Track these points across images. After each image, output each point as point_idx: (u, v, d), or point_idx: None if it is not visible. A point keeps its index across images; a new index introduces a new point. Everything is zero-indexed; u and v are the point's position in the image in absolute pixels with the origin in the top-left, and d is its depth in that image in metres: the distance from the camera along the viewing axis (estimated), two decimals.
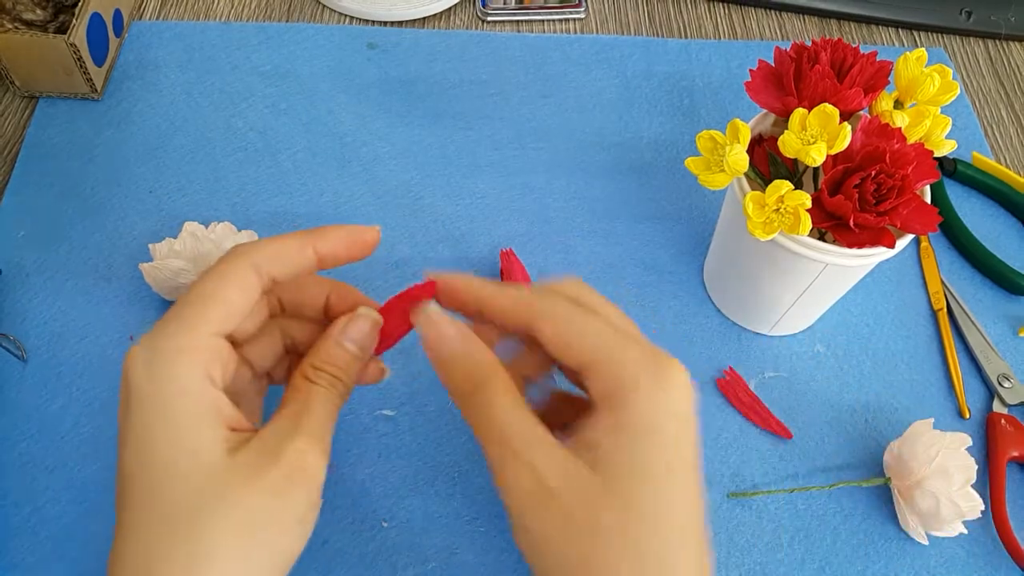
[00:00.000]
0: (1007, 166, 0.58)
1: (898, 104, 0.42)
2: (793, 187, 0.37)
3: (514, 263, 0.50)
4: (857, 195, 0.37)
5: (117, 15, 0.57)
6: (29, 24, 0.53)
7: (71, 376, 0.45)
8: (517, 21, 0.63)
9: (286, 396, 0.31)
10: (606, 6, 0.65)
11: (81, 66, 0.52)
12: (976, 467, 0.41)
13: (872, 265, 0.41)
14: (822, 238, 0.40)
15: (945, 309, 0.51)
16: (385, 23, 0.62)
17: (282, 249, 0.31)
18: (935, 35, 0.66)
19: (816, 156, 0.37)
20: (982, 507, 0.40)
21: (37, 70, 0.53)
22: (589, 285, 0.33)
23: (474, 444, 0.44)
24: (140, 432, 0.27)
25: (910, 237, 0.39)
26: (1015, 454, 0.45)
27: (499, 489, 0.29)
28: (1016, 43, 0.66)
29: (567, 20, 0.64)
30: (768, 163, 0.42)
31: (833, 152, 0.37)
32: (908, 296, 0.52)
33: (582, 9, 0.64)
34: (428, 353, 0.32)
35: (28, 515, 0.41)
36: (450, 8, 0.63)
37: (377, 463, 0.43)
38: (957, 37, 0.66)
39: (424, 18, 0.63)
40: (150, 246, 0.44)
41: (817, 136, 0.38)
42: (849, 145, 0.37)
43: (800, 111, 0.38)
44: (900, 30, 0.66)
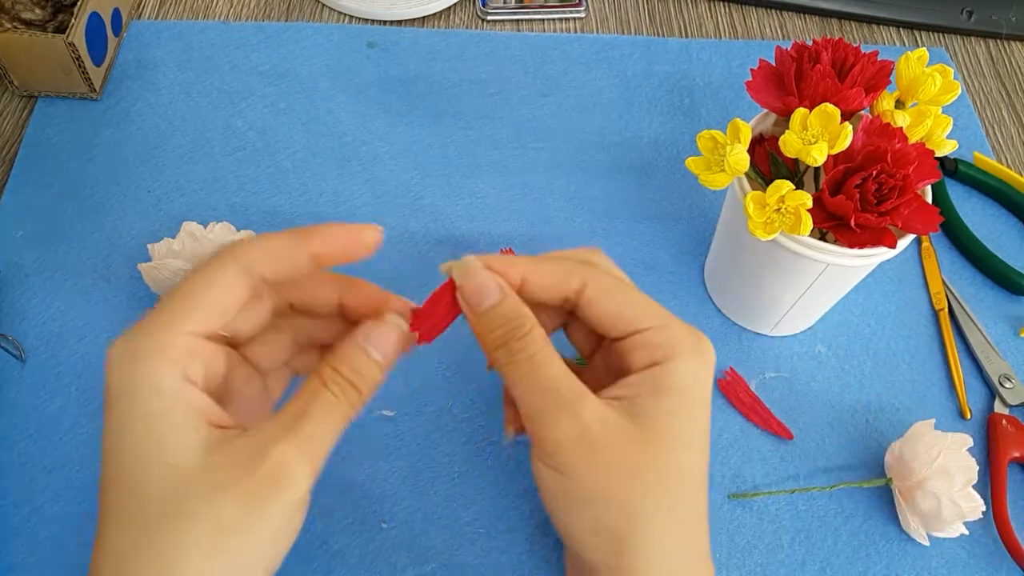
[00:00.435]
0: (1008, 166, 0.58)
1: (899, 104, 0.42)
2: (794, 187, 0.37)
3: None
4: (858, 195, 0.37)
5: (116, 14, 0.57)
6: (28, 23, 0.53)
7: (70, 376, 0.45)
8: (517, 20, 0.63)
9: (294, 394, 0.29)
10: (606, 5, 0.65)
11: (80, 66, 0.52)
12: (977, 468, 0.40)
13: (873, 265, 0.41)
14: (823, 238, 0.40)
15: (946, 309, 0.51)
16: (385, 22, 0.62)
17: (273, 249, 0.30)
18: (936, 35, 0.66)
19: (817, 156, 0.37)
20: (983, 508, 0.40)
21: (36, 70, 0.53)
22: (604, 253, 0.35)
23: (474, 444, 0.44)
24: (116, 429, 0.27)
25: (911, 237, 0.39)
26: (1016, 455, 0.45)
27: (539, 438, 0.30)
28: (1017, 43, 0.66)
29: (567, 19, 0.64)
30: (769, 163, 0.42)
31: (834, 152, 0.37)
32: (909, 296, 0.51)
33: (582, 8, 0.64)
34: (466, 305, 0.32)
35: (27, 515, 0.41)
36: (450, 7, 0.63)
37: (377, 463, 0.43)
38: (958, 37, 0.66)
39: (424, 17, 0.63)
40: (149, 246, 0.44)
41: (818, 136, 0.38)
42: (850, 145, 0.37)
43: (801, 111, 0.38)
44: (901, 30, 0.66)
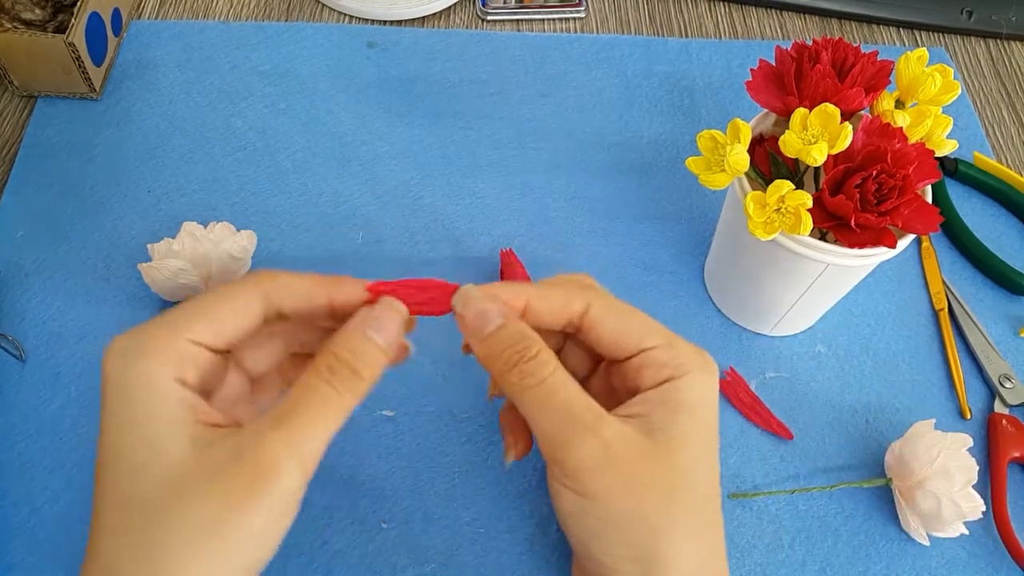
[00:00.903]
0: (1008, 166, 0.58)
1: (899, 104, 0.42)
2: (794, 187, 0.37)
3: (514, 263, 0.50)
4: (858, 195, 0.37)
5: (116, 14, 0.57)
6: (28, 23, 0.53)
7: (70, 376, 0.45)
8: (517, 20, 0.63)
9: (289, 391, 0.29)
10: (606, 5, 0.65)
11: (80, 66, 0.52)
12: (977, 468, 0.40)
13: (873, 265, 0.41)
14: (823, 238, 0.40)
15: (946, 309, 0.51)
16: (385, 22, 0.62)
17: (298, 287, 0.31)
18: (936, 35, 0.66)
19: (817, 156, 0.37)
20: (983, 508, 0.40)
21: (36, 70, 0.53)
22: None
23: (474, 444, 0.44)
24: (110, 423, 0.27)
25: (911, 237, 0.39)
26: (1016, 455, 0.45)
27: (559, 461, 0.30)
28: (1017, 43, 0.66)
29: (567, 19, 0.64)
30: (769, 163, 0.42)
31: (834, 152, 0.37)
32: (909, 296, 0.51)
33: (582, 8, 0.64)
34: (468, 333, 0.32)
35: (27, 515, 0.41)
36: (450, 7, 0.63)
37: (377, 463, 0.43)
38: (958, 37, 0.66)
39: (424, 17, 0.63)
40: (149, 246, 0.44)
41: (818, 136, 0.38)
42: (850, 145, 0.37)
43: (801, 111, 0.38)
44: (901, 29, 0.66)
